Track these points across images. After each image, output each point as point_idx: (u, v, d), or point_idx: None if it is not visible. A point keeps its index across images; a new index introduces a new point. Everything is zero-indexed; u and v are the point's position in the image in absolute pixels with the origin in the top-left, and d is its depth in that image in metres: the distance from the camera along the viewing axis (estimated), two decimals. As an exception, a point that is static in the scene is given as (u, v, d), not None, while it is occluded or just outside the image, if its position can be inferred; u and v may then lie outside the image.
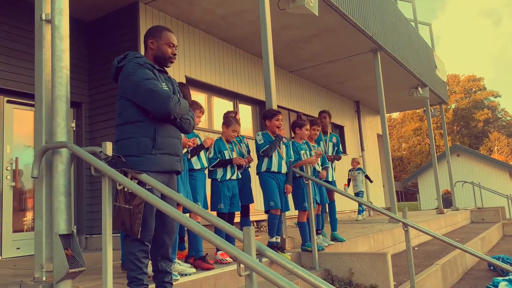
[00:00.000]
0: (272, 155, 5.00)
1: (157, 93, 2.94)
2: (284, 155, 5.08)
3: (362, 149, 15.10)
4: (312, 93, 12.65)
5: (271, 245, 4.86)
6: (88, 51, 7.66)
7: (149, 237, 3.03)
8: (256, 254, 2.28)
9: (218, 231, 5.07)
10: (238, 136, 5.43)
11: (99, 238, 7.04)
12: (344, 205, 13.32)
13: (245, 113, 9.90)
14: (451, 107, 57.45)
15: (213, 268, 4.08)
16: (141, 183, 2.76)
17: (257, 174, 5.18)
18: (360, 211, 11.20)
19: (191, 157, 4.31)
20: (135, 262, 2.95)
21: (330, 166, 6.44)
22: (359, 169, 11.25)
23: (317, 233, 5.84)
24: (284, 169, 5.03)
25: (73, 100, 7.29)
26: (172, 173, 3.20)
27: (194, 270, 3.93)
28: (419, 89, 13.20)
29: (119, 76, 3.12)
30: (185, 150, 4.15)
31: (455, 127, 57.03)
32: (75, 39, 7.46)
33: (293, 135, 5.85)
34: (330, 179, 6.37)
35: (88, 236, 7.20)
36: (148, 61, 3.16)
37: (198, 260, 4.21)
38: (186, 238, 4.88)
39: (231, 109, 9.47)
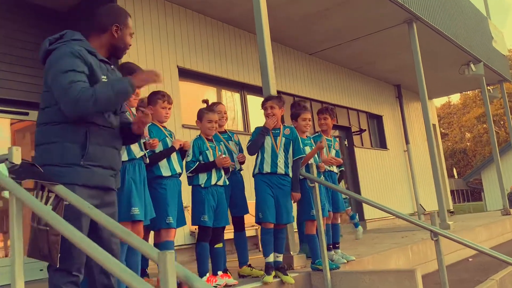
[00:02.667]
0: (264, 152, 4.63)
1: (72, 90, 2.62)
2: (280, 151, 4.67)
3: (407, 142, 14.47)
4: (339, 78, 12.18)
5: (267, 267, 4.49)
6: (62, 45, 7.52)
7: (78, 265, 2.72)
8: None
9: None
10: (226, 132, 5.11)
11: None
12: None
13: (256, 105, 9.54)
14: (521, 86, 54.94)
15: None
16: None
17: (253, 176, 4.85)
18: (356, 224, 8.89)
19: (152, 164, 4.00)
20: (62, 299, 2.66)
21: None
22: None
23: (334, 247, 5.43)
24: (281, 170, 4.63)
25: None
26: (108, 191, 2.89)
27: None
28: (471, 65, 12.52)
29: (46, 60, 2.84)
30: (141, 153, 3.82)
31: (528, 110, 54.58)
32: (48, 32, 7.34)
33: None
34: None
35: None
36: (89, 47, 2.86)
37: None
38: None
39: (238, 102, 9.17)
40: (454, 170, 54.57)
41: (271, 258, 4.52)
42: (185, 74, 7.94)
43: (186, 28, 8.06)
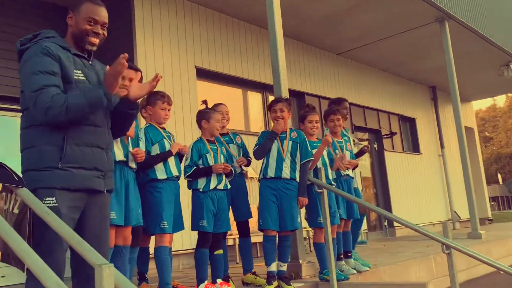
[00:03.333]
0: (269, 157, 4.45)
1: (42, 96, 2.51)
2: (286, 156, 4.46)
3: (442, 146, 13.93)
4: (369, 79, 11.80)
5: (268, 276, 4.30)
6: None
7: (57, 271, 2.61)
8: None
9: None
10: (227, 134, 4.95)
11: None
12: (419, 215, 12.31)
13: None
14: None
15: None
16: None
17: (258, 181, 4.68)
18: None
19: (147, 167, 3.88)
20: (35, 306, 2.55)
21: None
22: None
23: (347, 257, 5.17)
24: (286, 174, 4.42)
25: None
26: (97, 193, 2.75)
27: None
28: (511, 66, 11.94)
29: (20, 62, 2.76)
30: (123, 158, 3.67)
31: None
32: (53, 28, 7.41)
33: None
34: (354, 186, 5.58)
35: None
36: (63, 43, 2.76)
37: None
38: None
39: (260, 102, 9.01)
40: (499, 175, 52.71)
41: (273, 267, 4.32)
42: (203, 74, 7.82)
43: (206, 27, 7.93)
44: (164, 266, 3.85)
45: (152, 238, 4.19)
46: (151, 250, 4.28)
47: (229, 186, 4.46)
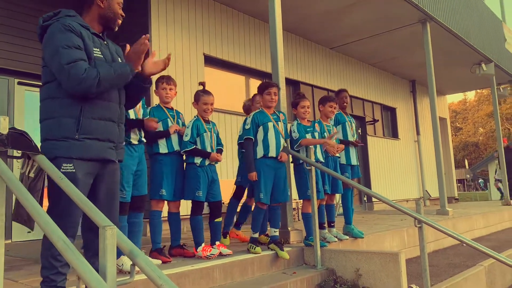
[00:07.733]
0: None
1: (75, 68, 2.40)
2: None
3: (418, 133, 13.84)
4: (358, 72, 11.64)
5: (253, 241, 4.26)
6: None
7: (71, 232, 2.53)
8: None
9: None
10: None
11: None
12: (395, 193, 12.28)
13: (276, 93, 9.22)
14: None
15: (169, 262, 3.66)
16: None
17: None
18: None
19: (149, 142, 3.88)
20: (49, 260, 2.48)
21: (354, 150, 5.57)
22: None
23: (330, 226, 5.12)
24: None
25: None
26: (109, 162, 2.66)
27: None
28: (483, 65, 11.76)
29: (43, 38, 2.63)
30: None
31: (540, 109, 51.75)
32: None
33: None
34: (353, 163, 5.51)
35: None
36: (83, 22, 2.63)
37: (154, 252, 3.74)
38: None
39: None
40: (466, 161, 52.74)
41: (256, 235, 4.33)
42: (211, 61, 7.67)
43: (214, 19, 7.76)
44: (156, 227, 3.86)
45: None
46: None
47: (221, 160, 4.36)
